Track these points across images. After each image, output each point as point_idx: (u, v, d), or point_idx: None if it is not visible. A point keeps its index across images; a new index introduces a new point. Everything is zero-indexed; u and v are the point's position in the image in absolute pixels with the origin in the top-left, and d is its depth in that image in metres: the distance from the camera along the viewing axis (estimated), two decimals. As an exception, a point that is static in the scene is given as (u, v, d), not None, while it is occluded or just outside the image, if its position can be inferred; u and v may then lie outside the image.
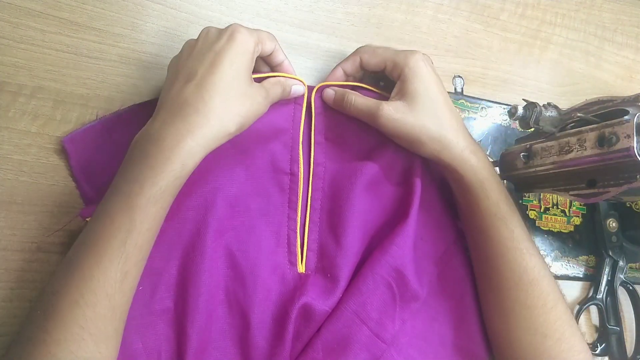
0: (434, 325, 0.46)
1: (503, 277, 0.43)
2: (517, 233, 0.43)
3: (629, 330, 0.56)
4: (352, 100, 0.45)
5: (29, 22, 0.43)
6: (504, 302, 0.43)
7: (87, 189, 0.41)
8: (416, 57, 0.43)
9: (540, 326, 0.42)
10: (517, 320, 0.43)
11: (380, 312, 0.43)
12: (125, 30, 0.45)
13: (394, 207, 0.47)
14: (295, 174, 0.45)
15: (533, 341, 0.42)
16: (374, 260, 0.43)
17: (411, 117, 0.42)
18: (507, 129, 0.58)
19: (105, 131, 0.42)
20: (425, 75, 0.43)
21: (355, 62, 0.47)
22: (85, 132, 0.41)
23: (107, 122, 0.42)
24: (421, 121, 0.42)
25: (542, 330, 0.41)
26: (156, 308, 0.39)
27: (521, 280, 0.42)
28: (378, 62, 0.45)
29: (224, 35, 0.38)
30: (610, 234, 0.56)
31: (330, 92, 0.47)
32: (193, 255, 0.40)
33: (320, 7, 0.53)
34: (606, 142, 0.37)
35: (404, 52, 0.44)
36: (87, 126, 0.42)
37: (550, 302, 0.42)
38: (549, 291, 0.42)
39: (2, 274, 0.38)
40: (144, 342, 0.38)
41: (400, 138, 0.44)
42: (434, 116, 0.43)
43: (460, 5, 0.59)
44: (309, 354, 0.40)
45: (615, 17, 0.67)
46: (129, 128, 0.41)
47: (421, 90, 0.42)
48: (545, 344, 0.41)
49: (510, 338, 0.43)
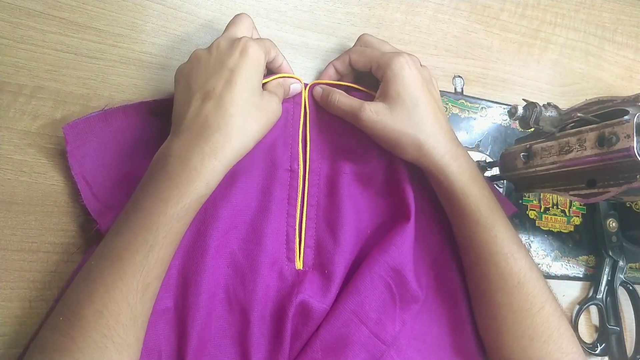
0: (433, 326, 0.46)
1: (488, 281, 0.43)
2: (500, 238, 0.42)
3: (629, 330, 0.56)
4: (336, 100, 0.45)
5: (29, 22, 0.43)
6: (490, 307, 0.43)
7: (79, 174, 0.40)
8: (399, 59, 0.43)
9: (526, 329, 0.41)
10: (503, 325, 0.43)
11: (379, 312, 0.43)
12: (125, 30, 0.45)
13: (389, 204, 0.47)
14: (295, 170, 0.45)
15: (520, 344, 0.42)
16: (372, 259, 0.43)
17: (391, 120, 0.42)
18: (507, 129, 0.58)
19: (105, 119, 0.41)
20: (407, 78, 0.42)
21: (345, 61, 0.47)
22: (86, 121, 0.40)
23: (109, 112, 0.41)
24: (399, 125, 0.42)
25: (529, 334, 0.41)
26: (156, 308, 0.39)
27: (506, 284, 0.42)
28: (365, 63, 0.45)
29: (236, 50, 0.38)
30: (610, 234, 0.56)
31: (318, 90, 0.47)
32: (193, 255, 0.40)
33: (320, 7, 0.53)
34: (606, 142, 0.37)
35: (389, 54, 0.43)
36: (89, 115, 0.41)
37: (537, 304, 0.42)
38: (535, 294, 0.42)
39: (2, 274, 0.38)
40: (144, 342, 0.38)
41: (380, 140, 0.45)
42: (414, 120, 0.42)
43: (460, 5, 0.59)
44: (308, 353, 0.40)
45: (615, 17, 0.67)
46: (129, 119, 0.42)
47: (402, 93, 0.42)
48: (533, 347, 0.41)
49: (498, 342, 0.43)
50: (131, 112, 0.42)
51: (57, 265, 0.40)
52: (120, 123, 0.42)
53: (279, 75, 0.45)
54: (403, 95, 0.42)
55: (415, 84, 0.42)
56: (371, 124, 0.43)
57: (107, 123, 0.41)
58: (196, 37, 0.48)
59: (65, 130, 0.39)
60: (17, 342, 0.38)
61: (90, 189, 0.40)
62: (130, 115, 0.42)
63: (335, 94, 0.45)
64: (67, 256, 0.40)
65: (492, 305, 0.43)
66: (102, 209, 0.40)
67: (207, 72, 0.38)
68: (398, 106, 0.42)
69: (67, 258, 0.40)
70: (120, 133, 0.41)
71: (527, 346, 0.42)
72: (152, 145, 0.40)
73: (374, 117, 0.43)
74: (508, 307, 0.42)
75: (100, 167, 0.41)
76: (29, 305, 0.39)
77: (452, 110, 0.55)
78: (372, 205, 0.47)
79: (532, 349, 0.41)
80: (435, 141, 0.42)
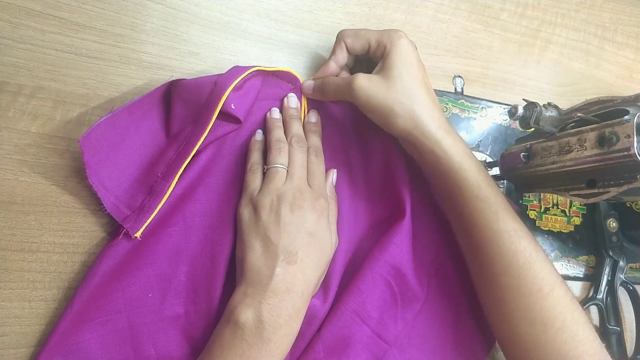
0: (434, 325, 0.46)
1: (493, 262, 0.40)
2: (502, 214, 0.40)
3: (629, 330, 0.56)
4: (329, 81, 0.45)
5: (29, 22, 0.43)
6: (497, 290, 0.41)
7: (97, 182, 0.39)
8: (400, 34, 0.43)
9: (537, 314, 0.39)
10: (512, 310, 0.40)
11: (380, 311, 0.43)
12: (125, 30, 0.45)
13: (387, 203, 0.47)
14: None
15: (532, 332, 0.39)
16: (372, 258, 0.43)
17: (384, 88, 0.41)
18: (507, 129, 0.58)
19: (112, 123, 0.41)
20: (406, 52, 0.42)
21: (342, 49, 0.46)
22: (97, 128, 0.40)
23: (116, 114, 0.41)
24: (394, 94, 0.41)
25: (541, 319, 0.38)
26: (166, 314, 0.39)
27: (511, 265, 0.39)
28: (363, 44, 0.45)
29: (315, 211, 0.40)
30: (610, 234, 0.56)
31: (309, 82, 0.47)
32: (202, 262, 0.40)
33: (320, 7, 0.53)
34: (606, 142, 0.37)
35: (388, 31, 0.44)
36: (99, 122, 0.40)
37: (546, 286, 0.39)
38: (544, 275, 0.39)
39: (2, 274, 0.38)
40: (156, 349, 0.38)
41: (373, 111, 0.43)
42: (409, 90, 0.41)
43: (460, 5, 0.59)
44: (310, 354, 0.40)
45: (615, 17, 0.67)
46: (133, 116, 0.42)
47: (399, 64, 0.42)
48: (547, 334, 0.38)
49: (509, 330, 0.41)
50: (134, 109, 0.42)
51: (57, 265, 0.40)
52: (126, 123, 0.41)
53: (278, 68, 0.46)
54: (400, 66, 0.42)
55: (413, 58, 0.43)
56: (364, 92, 0.42)
57: (115, 126, 0.41)
58: (196, 37, 0.48)
59: (81, 142, 0.38)
60: (17, 342, 0.38)
61: (111, 195, 0.39)
62: (133, 112, 0.42)
63: (327, 79, 0.45)
64: (67, 256, 0.40)
65: (498, 289, 0.41)
66: (127, 213, 0.40)
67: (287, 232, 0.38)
68: (395, 77, 0.42)
69: (67, 258, 0.40)
70: (127, 132, 0.41)
71: (541, 333, 0.38)
72: (157, 135, 0.42)
73: (367, 84, 0.42)
74: (516, 289, 0.39)
75: (115, 170, 0.40)
76: (29, 305, 0.38)
77: (452, 110, 0.55)
78: (370, 205, 0.47)
79: (545, 337, 0.38)
80: (430, 114, 0.41)
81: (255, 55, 0.50)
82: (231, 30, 0.49)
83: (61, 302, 0.39)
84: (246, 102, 0.43)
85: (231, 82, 0.41)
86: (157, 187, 0.41)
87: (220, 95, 0.40)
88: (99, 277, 0.38)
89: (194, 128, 0.41)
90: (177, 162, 0.41)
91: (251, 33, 0.50)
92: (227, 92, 0.41)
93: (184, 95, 0.42)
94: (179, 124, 0.43)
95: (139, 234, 0.39)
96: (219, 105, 0.40)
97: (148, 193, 0.41)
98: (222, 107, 0.41)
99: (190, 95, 0.42)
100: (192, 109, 0.42)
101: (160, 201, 0.40)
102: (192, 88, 0.42)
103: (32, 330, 0.38)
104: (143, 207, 0.40)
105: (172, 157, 0.41)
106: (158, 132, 0.43)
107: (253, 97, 0.44)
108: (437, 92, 0.55)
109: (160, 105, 0.44)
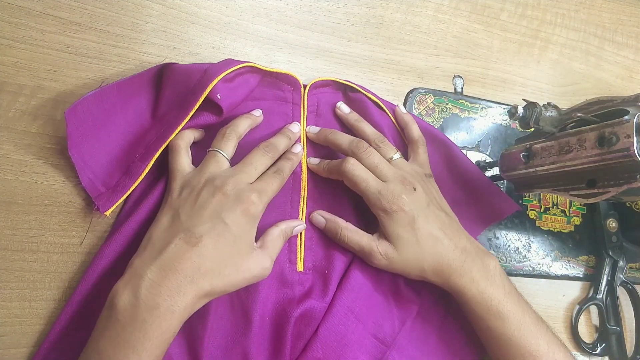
0: (433, 327, 0.46)
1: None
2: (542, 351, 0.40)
3: (629, 330, 0.56)
4: (346, 237, 0.43)
5: (29, 22, 0.43)
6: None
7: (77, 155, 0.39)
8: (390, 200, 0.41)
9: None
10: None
11: (374, 309, 0.43)
12: (125, 30, 0.45)
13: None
14: (297, 172, 0.46)
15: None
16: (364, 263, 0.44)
17: (401, 260, 0.42)
18: (507, 129, 0.58)
19: (101, 98, 0.40)
20: (402, 220, 0.41)
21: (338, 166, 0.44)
22: (84, 102, 0.39)
23: (105, 90, 0.41)
24: (413, 262, 0.42)
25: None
26: None
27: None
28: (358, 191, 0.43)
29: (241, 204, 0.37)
30: (610, 234, 0.56)
31: (320, 219, 0.45)
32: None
33: (320, 7, 0.53)
34: (606, 142, 0.37)
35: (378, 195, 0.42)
36: (87, 95, 0.40)
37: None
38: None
39: (2, 274, 0.38)
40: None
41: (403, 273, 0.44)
42: (425, 253, 0.42)
43: (460, 5, 0.59)
44: (308, 353, 0.40)
45: (615, 17, 0.67)
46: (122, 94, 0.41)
47: (402, 233, 0.42)
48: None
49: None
50: (124, 86, 0.42)
51: (57, 265, 0.40)
52: (113, 100, 0.41)
53: (275, 70, 0.46)
54: (403, 234, 0.41)
55: (409, 219, 0.41)
56: (383, 266, 0.43)
57: (102, 101, 0.40)
58: (196, 37, 0.48)
59: (67, 114, 0.38)
60: (17, 342, 0.38)
61: (88, 169, 0.39)
62: (123, 90, 0.42)
63: (343, 231, 0.43)
64: (67, 256, 0.40)
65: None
66: (101, 191, 0.40)
67: (196, 213, 0.36)
68: (404, 245, 0.42)
69: (67, 258, 0.40)
70: (113, 109, 0.41)
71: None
72: (143, 115, 0.41)
73: (384, 261, 0.42)
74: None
75: (96, 146, 0.40)
76: (29, 305, 0.38)
77: (452, 110, 0.55)
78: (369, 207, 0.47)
79: None
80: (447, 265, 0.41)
81: (255, 55, 0.50)
82: (231, 30, 0.49)
83: (61, 302, 0.39)
84: (234, 96, 0.43)
85: (221, 72, 0.41)
86: (133, 168, 0.41)
87: (207, 83, 0.41)
88: (97, 274, 0.38)
89: (178, 112, 0.41)
90: (155, 144, 0.41)
91: (251, 33, 0.50)
92: (216, 81, 0.41)
93: (174, 79, 0.43)
94: (165, 107, 0.43)
95: (108, 213, 0.39)
96: (205, 93, 0.40)
97: (124, 173, 0.41)
98: (208, 94, 0.41)
99: (179, 79, 0.42)
100: (179, 94, 0.42)
101: (134, 182, 0.40)
102: (182, 73, 0.43)
103: (32, 330, 0.38)
104: (117, 187, 0.40)
105: (152, 140, 0.42)
106: (144, 113, 0.43)
107: (243, 93, 0.44)
108: (437, 92, 0.55)
109: (150, 86, 0.44)
